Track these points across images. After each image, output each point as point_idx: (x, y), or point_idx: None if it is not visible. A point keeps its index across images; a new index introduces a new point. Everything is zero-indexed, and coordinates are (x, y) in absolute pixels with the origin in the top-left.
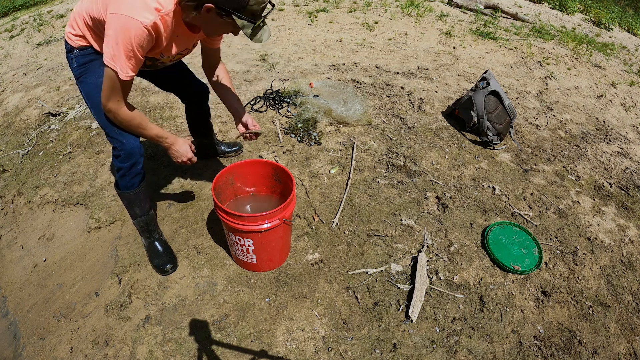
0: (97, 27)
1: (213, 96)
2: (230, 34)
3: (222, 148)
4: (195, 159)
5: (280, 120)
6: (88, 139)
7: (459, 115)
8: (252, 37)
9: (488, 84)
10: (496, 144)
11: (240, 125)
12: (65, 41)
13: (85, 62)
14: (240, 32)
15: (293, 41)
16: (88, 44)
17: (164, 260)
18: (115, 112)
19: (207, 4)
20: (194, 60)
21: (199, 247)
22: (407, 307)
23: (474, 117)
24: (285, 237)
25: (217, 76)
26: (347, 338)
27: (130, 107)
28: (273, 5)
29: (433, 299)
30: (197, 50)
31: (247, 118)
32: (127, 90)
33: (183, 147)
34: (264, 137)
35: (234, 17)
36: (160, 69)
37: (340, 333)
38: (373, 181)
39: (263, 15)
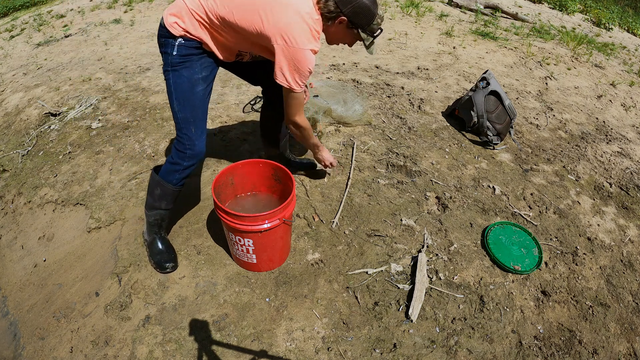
0: (221, 28)
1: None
2: (342, 44)
3: (296, 164)
4: (335, 162)
5: None
6: (88, 139)
7: (459, 115)
8: (368, 48)
9: (488, 84)
10: (496, 144)
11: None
12: (166, 28)
13: (187, 54)
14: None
15: None
16: (194, 37)
17: (165, 257)
18: (301, 124)
19: (342, 17)
20: None
21: (199, 247)
22: (407, 307)
23: (474, 117)
24: (285, 237)
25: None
26: (347, 338)
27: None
28: (382, 30)
29: (433, 299)
30: None
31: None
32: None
33: (328, 153)
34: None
35: (360, 31)
36: (253, 62)
37: (340, 333)
38: (373, 181)
39: (377, 34)
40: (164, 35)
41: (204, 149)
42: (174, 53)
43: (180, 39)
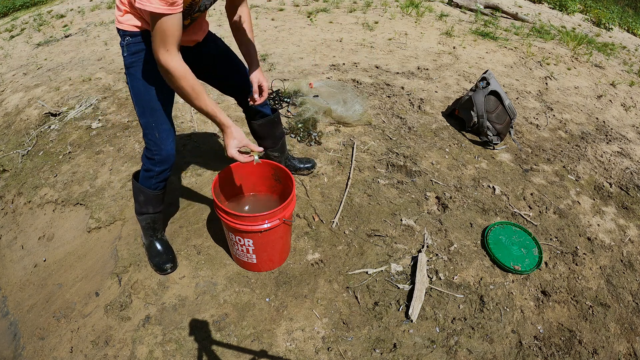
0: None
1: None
2: None
3: (295, 164)
4: (242, 158)
5: None
6: (88, 139)
7: (459, 115)
8: None
9: (488, 84)
10: (496, 144)
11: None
12: (116, 27)
13: (137, 51)
14: None
15: (293, 41)
16: (139, 28)
17: (163, 259)
18: (166, 65)
19: None
20: None
21: (199, 247)
22: (407, 307)
23: (474, 117)
24: (285, 237)
25: (240, 16)
26: (347, 338)
27: (184, 64)
28: None
29: (433, 299)
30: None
31: (259, 77)
32: (177, 35)
33: (235, 141)
34: None
35: None
36: (215, 65)
37: (340, 333)
38: (373, 181)
39: None
40: (119, 36)
41: (172, 151)
42: (125, 54)
43: (128, 37)
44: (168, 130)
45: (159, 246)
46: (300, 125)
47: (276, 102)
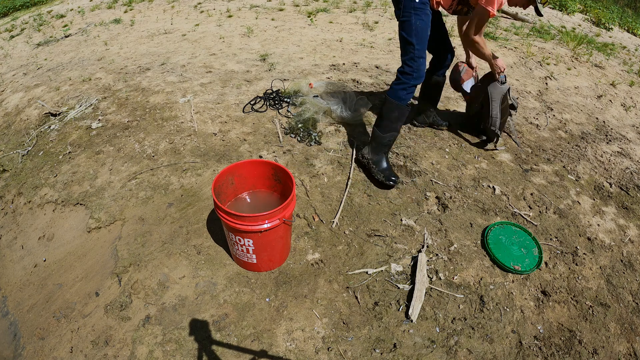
0: None
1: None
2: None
3: (438, 120)
4: (505, 66)
5: (280, 120)
6: (88, 139)
7: (468, 101)
8: (539, 10)
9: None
10: (496, 143)
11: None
12: None
13: (425, 2)
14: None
15: (293, 41)
16: None
17: (392, 173)
18: (479, 42)
19: None
20: None
21: (199, 247)
22: (407, 307)
23: (493, 115)
24: (285, 237)
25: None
26: (347, 338)
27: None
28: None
29: (433, 299)
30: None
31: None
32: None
33: (502, 61)
34: (263, 137)
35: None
36: (441, 26)
37: (340, 333)
38: None
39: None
40: None
41: (424, 75)
42: (417, 0)
43: None
44: (425, 59)
45: (386, 163)
46: (300, 125)
47: (276, 102)
